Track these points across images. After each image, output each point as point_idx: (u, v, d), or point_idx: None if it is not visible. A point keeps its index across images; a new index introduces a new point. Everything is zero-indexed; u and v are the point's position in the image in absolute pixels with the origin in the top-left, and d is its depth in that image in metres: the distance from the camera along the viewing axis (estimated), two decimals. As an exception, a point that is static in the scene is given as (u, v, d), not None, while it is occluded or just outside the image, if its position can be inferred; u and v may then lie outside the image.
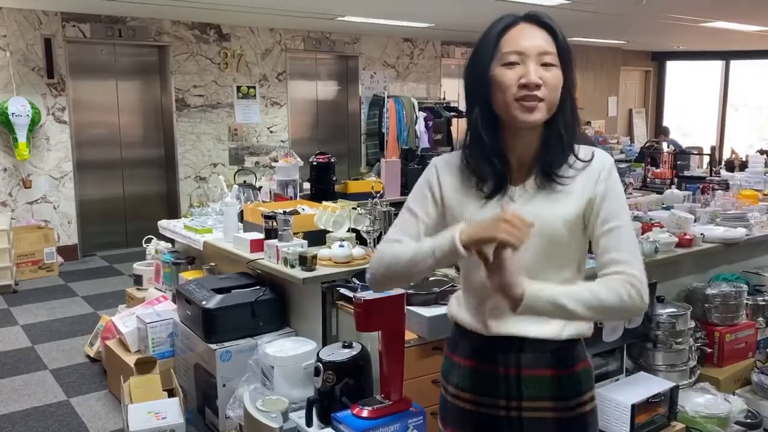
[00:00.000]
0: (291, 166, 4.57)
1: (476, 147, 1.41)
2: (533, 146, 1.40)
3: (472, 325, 1.46)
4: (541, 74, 1.32)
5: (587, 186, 1.38)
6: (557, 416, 1.42)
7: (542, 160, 1.39)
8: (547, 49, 1.33)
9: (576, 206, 1.37)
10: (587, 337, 1.48)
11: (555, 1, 6.14)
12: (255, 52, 7.89)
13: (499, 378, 1.42)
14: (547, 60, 1.33)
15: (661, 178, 6.04)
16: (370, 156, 8.84)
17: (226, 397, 2.87)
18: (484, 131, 1.39)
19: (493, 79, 1.35)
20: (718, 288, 3.31)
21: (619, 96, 11.66)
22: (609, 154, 1.45)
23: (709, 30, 8.31)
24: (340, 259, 2.94)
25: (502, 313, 1.39)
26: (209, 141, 7.67)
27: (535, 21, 1.36)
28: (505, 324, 1.40)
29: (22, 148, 6.20)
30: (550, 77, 1.33)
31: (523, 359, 1.41)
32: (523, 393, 1.41)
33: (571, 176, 1.38)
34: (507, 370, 1.42)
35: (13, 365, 4.13)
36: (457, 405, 1.49)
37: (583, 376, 1.46)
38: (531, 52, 1.32)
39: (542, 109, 1.33)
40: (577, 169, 1.39)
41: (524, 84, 1.31)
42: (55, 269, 6.28)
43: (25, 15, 6.39)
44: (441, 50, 9.59)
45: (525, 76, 1.31)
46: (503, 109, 1.35)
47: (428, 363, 2.49)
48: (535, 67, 1.32)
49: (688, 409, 2.79)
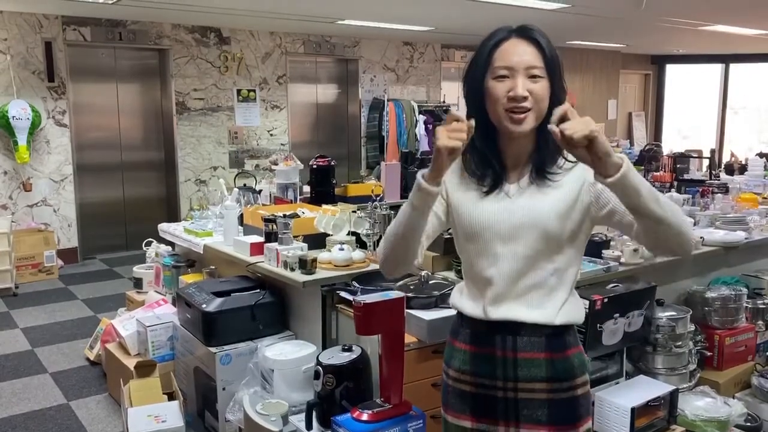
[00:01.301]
0: (291, 170, 4.57)
1: (475, 152, 1.54)
2: (527, 149, 1.53)
3: (472, 312, 1.57)
4: (529, 86, 1.45)
5: (578, 177, 1.50)
6: (550, 397, 1.53)
7: (535, 161, 1.52)
8: (534, 63, 1.46)
9: (567, 197, 1.49)
10: (578, 324, 1.59)
11: (555, 5, 6.15)
12: (255, 55, 7.90)
13: (497, 361, 1.54)
14: (535, 73, 1.45)
15: (660, 181, 6.04)
16: (370, 159, 8.85)
17: (226, 400, 2.87)
18: (480, 139, 1.50)
19: (487, 91, 1.49)
20: (718, 291, 3.31)
21: (619, 99, 11.67)
22: None
23: (709, 33, 8.32)
24: (340, 263, 2.94)
25: (500, 301, 1.52)
26: (209, 144, 7.68)
27: (525, 36, 1.48)
28: (503, 310, 1.52)
29: (23, 151, 6.21)
30: (537, 89, 1.45)
31: (519, 343, 1.52)
32: (519, 375, 1.53)
33: (560, 174, 1.51)
34: (504, 353, 1.53)
35: (13, 368, 4.13)
36: (457, 387, 1.61)
37: (576, 361, 1.56)
38: (519, 67, 1.45)
39: (530, 118, 1.46)
40: (566, 169, 1.51)
41: (512, 97, 1.44)
42: (55, 272, 6.29)
43: (26, 18, 6.41)
44: (441, 53, 9.61)
45: (513, 89, 1.45)
46: (496, 118, 1.49)
47: (428, 366, 2.49)
48: (523, 80, 1.45)
49: (688, 412, 2.79)
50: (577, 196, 1.49)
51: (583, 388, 1.57)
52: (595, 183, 1.38)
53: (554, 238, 1.49)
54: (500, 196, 1.52)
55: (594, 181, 1.37)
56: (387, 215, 3.20)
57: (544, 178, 1.50)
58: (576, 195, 1.49)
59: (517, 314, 1.51)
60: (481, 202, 1.53)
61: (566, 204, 1.49)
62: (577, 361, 1.56)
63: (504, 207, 1.51)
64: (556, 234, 1.49)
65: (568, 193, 1.49)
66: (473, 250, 1.55)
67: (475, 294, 1.57)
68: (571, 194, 1.49)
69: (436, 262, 2.98)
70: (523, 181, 1.52)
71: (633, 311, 2.77)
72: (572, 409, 1.54)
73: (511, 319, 1.51)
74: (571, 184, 1.50)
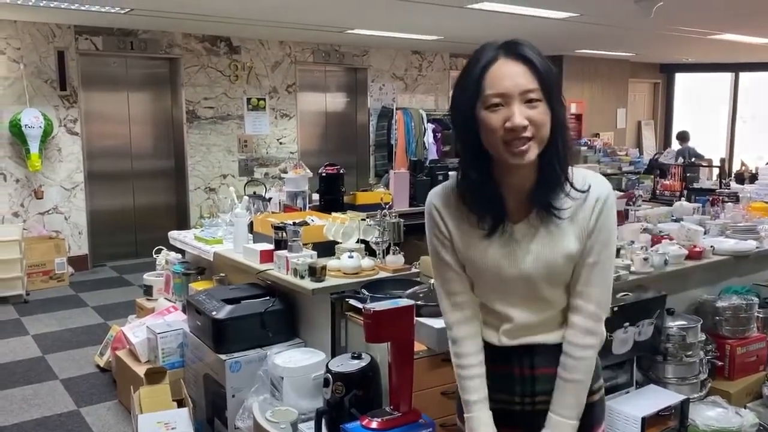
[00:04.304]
0: (300, 178, 4.58)
1: (470, 186, 1.43)
2: (529, 181, 1.40)
3: (487, 339, 1.54)
4: (527, 113, 1.31)
5: (584, 219, 1.41)
6: None
7: (539, 195, 1.39)
8: (528, 86, 1.31)
9: (576, 241, 1.42)
10: None
11: (564, 14, 6.16)
12: (265, 64, 7.95)
13: (514, 379, 1.52)
14: (531, 96, 1.31)
15: (670, 190, 6.03)
16: (378, 167, 8.87)
17: (235, 407, 2.88)
18: (474, 170, 1.40)
19: (480, 122, 1.35)
20: (729, 300, 3.29)
21: (628, 108, 11.64)
22: (606, 181, 1.46)
23: (718, 42, 8.30)
24: (350, 270, 2.94)
25: (515, 334, 1.50)
26: (219, 152, 7.72)
27: (514, 54, 1.33)
28: (519, 340, 1.50)
29: (35, 159, 6.26)
30: (536, 114, 1.32)
31: (536, 360, 1.50)
32: (537, 389, 1.51)
33: (568, 207, 1.40)
34: (522, 371, 1.51)
35: (23, 375, 4.15)
36: None
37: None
38: (513, 93, 1.31)
39: (533, 147, 1.33)
40: (574, 199, 1.40)
41: (510, 128, 1.31)
42: (65, 279, 6.32)
43: (38, 28, 6.48)
44: (449, 62, 9.63)
45: (510, 119, 1.31)
46: (494, 150, 1.36)
47: (438, 374, 2.49)
48: (520, 107, 1.31)
49: (699, 422, 2.77)
50: (585, 239, 1.42)
51: (598, 394, 1.56)
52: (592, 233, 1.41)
53: (559, 275, 1.44)
54: (506, 238, 1.43)
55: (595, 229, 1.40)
56: (396, 223, 3.20)
57: (551, 215, 1.39)
58: (585, 239, 1.42)
59: (532, 340, 1.50)
60: (488, 246, 1.44)
61: (576, 248, 1.42)
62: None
63: (512, 251, 1.43)
64: (566, 274, 1.45)
65: (579, 231, 1.41)
66: (484, 286, 1.50)
67: (490, 322, 1.54)
68: (580, 237, 1.41)
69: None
70: (531, 220, 1.42)
71: (643, 320, 2.76)
72: (588, 415, 1.52)
73: (527, 344, 1.50)
74: (579, 226, 1.41)
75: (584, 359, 1.46)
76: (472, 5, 5.61)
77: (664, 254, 3.13)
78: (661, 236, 3.46)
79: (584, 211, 1.41)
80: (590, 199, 1.40)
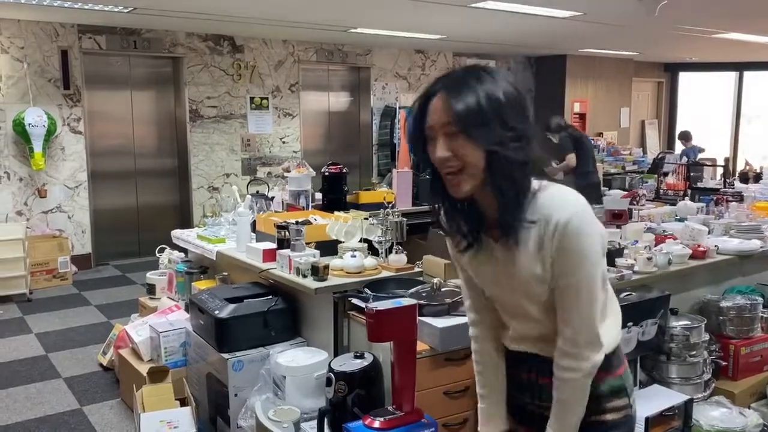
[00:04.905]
0: (303, 177, 4.58)
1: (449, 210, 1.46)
2: (493, 207, 1.39)
3: (503, 340, 1.63)
4: (450, 146, 1.31)
5: (548, 244, 1.36)
6: None
7: (500, 221, 1.38)
8: (444, 119, 1.31)
9: (539, 265, 1.38)
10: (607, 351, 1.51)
11: (567, 14, 6.15)
12: (268, 63, 7.95)
13: (524, 383, 1.59)
14: (450, 130, 1.31)
15: (674, 189, 6.02)
16: (381, 166, 8.87)
17: (238, 406, 2.88)
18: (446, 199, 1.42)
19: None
20: (733, 300, 3.28)
21: (632, 107, 11.61)
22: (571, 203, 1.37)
23: (723, 41, 8.28)
24: (352, 270, 2.94)
25: (518, 340, 1.57)
26: (222, 151, 7.73)
27: (444, 87, 1.34)
28: (522, 347, 1.57)
29: (38, 158, 6.27)
30: (456, 147, 1.31)
31: (539, 369, 1.54)
32: (543, 396, 1.54)
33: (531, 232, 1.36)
34: (529, 377, 1.57)
35: (26, 373, 4.16)
36: None
37: (604, 388, 1.48)
38: (436, 127, 1.33)
39: (465, 180, 1.33)
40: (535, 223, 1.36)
41: (436, 161, 1.34)
42: (68, 278, 6.33)
43: (42, 27, 6.49)
44: (453, 61, 9.62)
45: (433, 154, 1.34)
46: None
47: (440, 374, 2.49)
48: (443, 140, 1.32)
49: (703, 422, 2.76)
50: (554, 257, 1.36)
51: (611, 414, 1.48)
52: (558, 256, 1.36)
53: (541, 296, 1.42)
54: (488, 256, 1.46)
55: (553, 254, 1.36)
56: (398, 222, 3.20)
57: (514, 240, 1.38)
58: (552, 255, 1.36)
59: (533, 350, 1.54)
60: (479, 264, 1.50)
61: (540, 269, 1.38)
62: (607, 387, 1.48)
63: (495, 271, 1.47)
64: (541, 294, 1.42)
65: (542, 255, 1.37)
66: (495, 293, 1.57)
67: (503, 326, 1.62)
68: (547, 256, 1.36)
69: (449, 269, 2.98)
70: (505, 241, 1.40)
71: (646, 320, 2.76)
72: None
73: (529, 352, 1.55)
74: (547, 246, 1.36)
75: (567, 381, 1.43)
76: (476, 4, 5.60)
77: (668, 254, 3.12)
78: (664, 236, 3.45)
79: (546, 235, 1.35)
80: (550, 225, 1.34)
